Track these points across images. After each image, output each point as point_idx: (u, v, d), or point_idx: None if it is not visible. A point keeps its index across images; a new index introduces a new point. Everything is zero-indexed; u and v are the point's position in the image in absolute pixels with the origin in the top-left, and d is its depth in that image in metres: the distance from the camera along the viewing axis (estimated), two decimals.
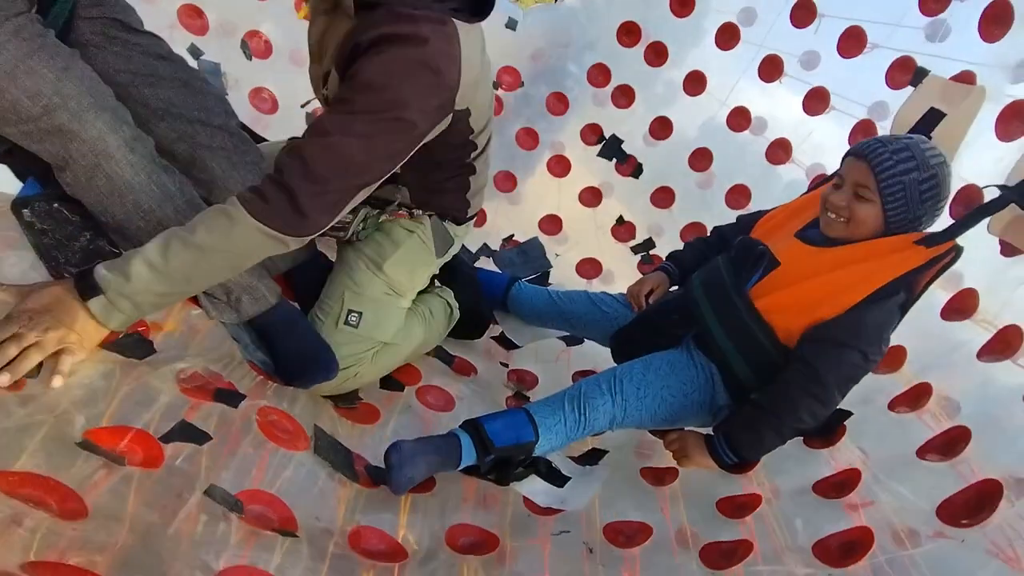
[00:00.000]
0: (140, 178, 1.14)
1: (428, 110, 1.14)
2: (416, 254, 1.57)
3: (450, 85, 1.15)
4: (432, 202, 1.56)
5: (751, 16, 2.52)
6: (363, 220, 1.52)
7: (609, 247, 2.71)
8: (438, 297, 1.83)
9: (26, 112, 1.04)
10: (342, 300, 1.50)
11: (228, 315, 1.31)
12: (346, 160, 1.08)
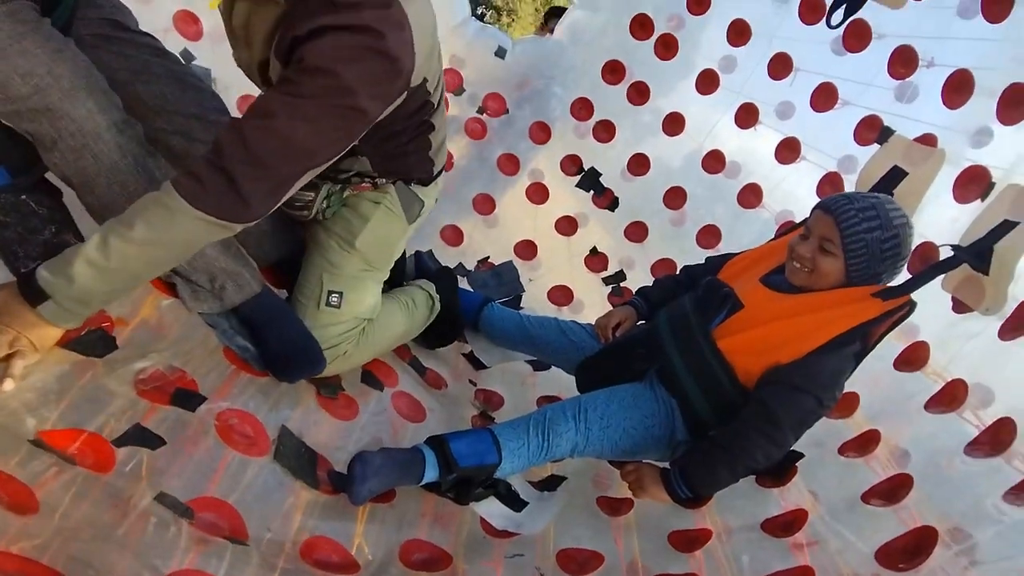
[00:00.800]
0: (127, 160, 1.13)
1: (380, 96, 1.07)
2: (387, 225, 1.53)
3: (405, 71, 1.07)
4: (395, 168, 1.46)
5: (731, 64, 2.62)
6: (326, 197, 1.44)
7: (581, 276, 2.75)
8: (420, 289, 1.84)
9: (16, 91, 1.03)
10: (321, 282, 1.50)
11: (210, 303, 1.29)
12: (292, 145, 1.01)
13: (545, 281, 2.70)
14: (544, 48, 2.80)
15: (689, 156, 2.72)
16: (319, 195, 1.43)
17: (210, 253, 1.26)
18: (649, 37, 2.62)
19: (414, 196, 1.54)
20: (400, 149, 1.41)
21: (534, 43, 2.84)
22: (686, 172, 2.72)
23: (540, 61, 2.77)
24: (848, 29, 2.11)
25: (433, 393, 1.87)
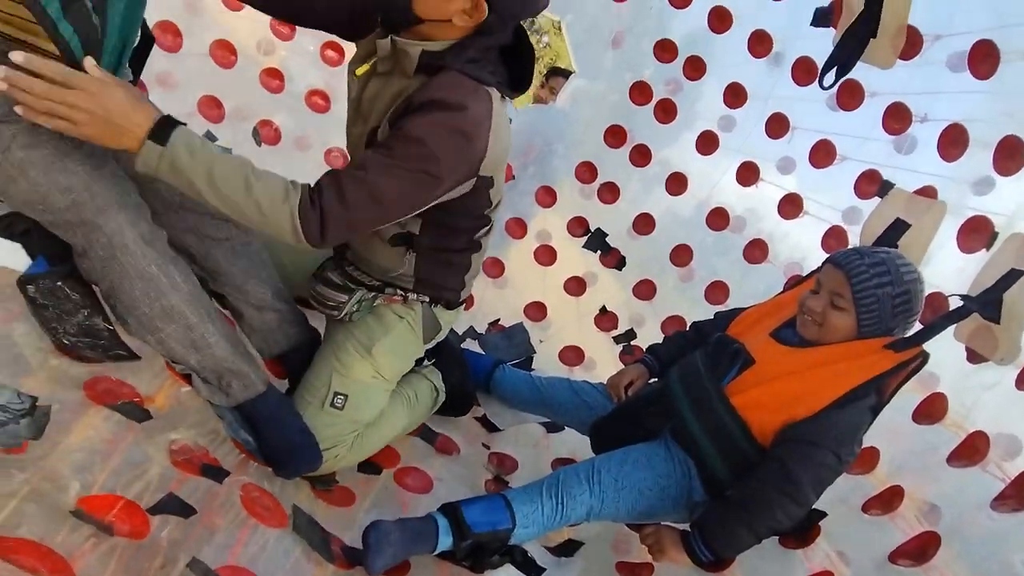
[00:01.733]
0: (151, 270, 1.21)
1: (455, 170, 1.25)
2: (405, 340, 1.59)
3: (478, 152, 1.26)
4: (433, 279, 1.55)
5: (730, 123, 2.70)
6: (358, 302, 1.53)
7: (592, 336, 2.76)
8: (424, 379, 1.83)
9: (55, 204, 1.14)
10: (328, 382, 1.51)
11: (218, 397, 1.36)
12: (375, 196, 1.19)
13: (556, 342, 2.71)
14: (547, 115, 2.91)
15: (693, 213, 2.77)
16: (352, 299, 1.52)
17: (219, 353, 1.31)
18: (648, 102, 2.72)
19: (435, 320, 1.62)
20: (448, 258, 1.53)
21: (537, 111, 2.95)
22: (691, 229, 2.76)
23: (544, 128, 2.87)
24: (841, 89, 2.18)
25: (444, 459, 1.85)
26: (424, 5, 1.20)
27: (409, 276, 1.53)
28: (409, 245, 1.47)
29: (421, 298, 1.58)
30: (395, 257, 1.49)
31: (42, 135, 1.12)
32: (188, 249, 1.41)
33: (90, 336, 1.26)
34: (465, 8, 1.20)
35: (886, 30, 1.83)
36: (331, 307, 1.53)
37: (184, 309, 1.26)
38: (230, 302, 1.51)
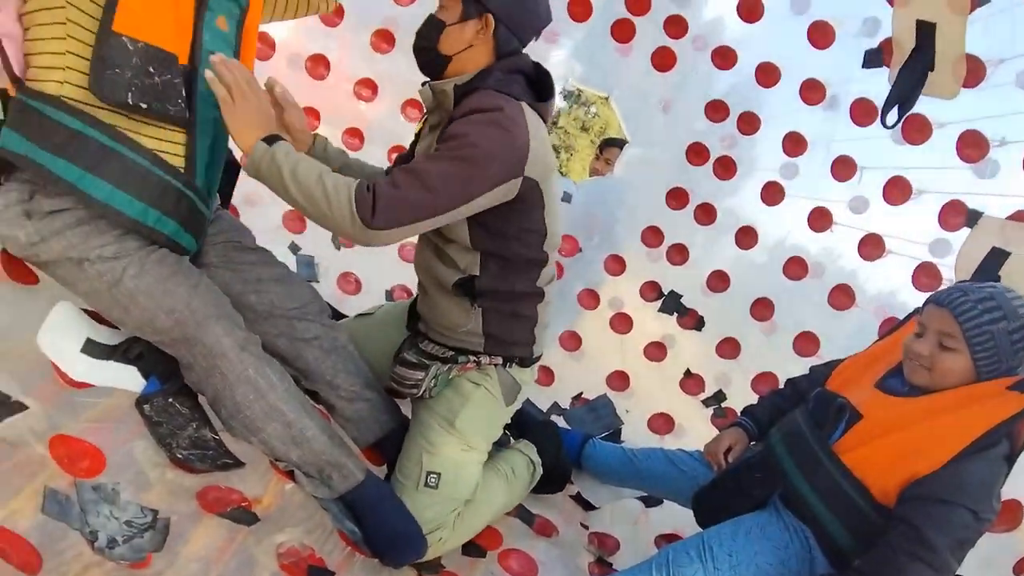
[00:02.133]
0: (249, 373, 1.32)
1: (496, 158, 1.32)
2: (486, 406, 1.60)
3: (519, 146, 1.35)
4: (501, 333, 1.57)
5: (793, 170, 2.67)
6: (435, 377, 1.57)
7: (679, 401, 2.68)
8: (519, 454, 1.82)
9: (161, 325, 1.27)
10: (420, 462, 1.54)
11: (320, 490, 1.41)
12: (423, 181, 1.28)
13: (642, 410, 2.64)
14: (606, 186, 2.97)
15: (768, 265, 2.71)
16: (428, 374, 1.57)
17: (318, 447, 1.38)
18: (706, 161, 2.74)
19: (513, 380, 1.63)
20: (512, 308, 1.56)
21: (596, 183, 3.02)
22: (769, 281, 2.69)
23: (604, 198, 2.93)
24: (906, 124, 2.13)
25: (544, 541, 1.81)
26: (447, 43, 1.42)
27: (478, 333, 1.55)
28: (472, 295, 1.51)
29: (494, 360, 1.60)
30: (461, 311, 1.53)
31: (146, 266, 1.26)
32: (280, 352, 1.51)
33: (200, 448, 1.35)
34: (478, 28, 1.40)
35: (944, 61, 1.80)
36: (410, 386, 1.58)
37: (282, 407, 1.34)
38: (323, 397, 1.58)
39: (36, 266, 1.30)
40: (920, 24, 1.80)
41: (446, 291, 1.53)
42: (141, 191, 1.24)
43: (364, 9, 2.63)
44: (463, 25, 1.41)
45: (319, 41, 2.65)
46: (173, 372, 1.36)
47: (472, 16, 1.40)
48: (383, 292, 2.68)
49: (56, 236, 1.21)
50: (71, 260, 1.23)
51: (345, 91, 2.72)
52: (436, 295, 1.57)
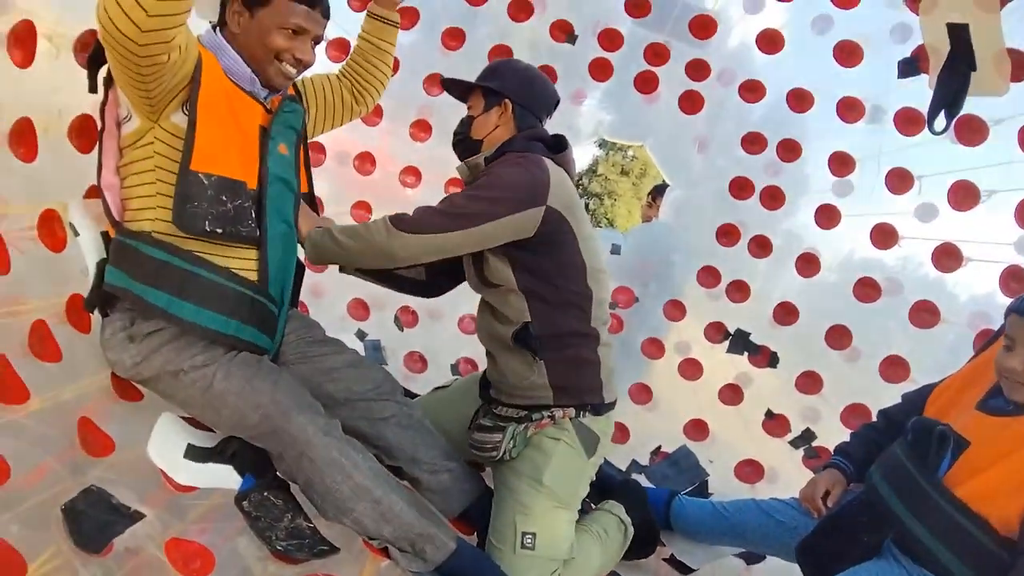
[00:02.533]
0: (334, 455, 1.38)
1: (516, 187, 1.53)
2: (569, 460, 1.61)
3: (540, 178, 1.55)
4: (567, 382, 1.62)
5: (846, 188, 2.58)
6: (512, 438, 1.60)
7: (765, 445, 2.55)
8: (608, 514, 1.80)
9: (251, 421, 1.38)
10: (514, 524, 1.55)
11: (415, 564, 1.44)
12: (450, 204, 1.56)
13: (727, 459, 2.52)
14: (655, 232, 2.95)
15: (837, 290, 2.60)
16: (506, 436, 1.60)
17: (407, 520, 1.42)
18: (751, 194, 2.69)
19: (589, 430, 1.64)
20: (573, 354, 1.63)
21: (644, 231, 3.01)
22: (840, 306, 2.57)
23: (654, 244, 2.91)
24: (958, 128, 2.05)
25: None
26: (477, 129, 1.73)
27: (545, 386, 1.61)
28: (532, 347, 1.58)
29: (567, 412, 1.62)
30: (525, 366, 1.61)
31: (232, 368, 1.39)
32: (361, 433, 1.57)
33: (297, 537, 1.43)
34: (500, 112, 1.70)
35: (985, 59, 1.74)
36: (489, 450, 1.61)
37: (369, 485, 1.40)
38: (406, 472, 1.63)
39: (140, 384, 1.47)
40: (952, 27, 1.76)
41: (508, 348, 1.62)
42: (221, 305, 1.38)
43: (400, 104, 2.81)
44: (488, 113, 1.71)
45: (363, 140, 2.83)
46: (266, 467, 1.46)
47: (494, 104, 1.70)
48: (448, 366, 2.72)
49: (154, 354, 1.37)
50: (169, 373, 1.37)
51: (392, 181, 2.86)
52: (500, 355, 1.66)
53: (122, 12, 1.06)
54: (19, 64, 1.48)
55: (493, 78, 1.73)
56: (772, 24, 2.53)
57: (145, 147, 1.34)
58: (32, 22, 1.48)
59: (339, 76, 1.81)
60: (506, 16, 2.66)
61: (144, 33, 1.10)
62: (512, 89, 1.70)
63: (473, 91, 1.76)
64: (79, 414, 1.51)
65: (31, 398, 1.40)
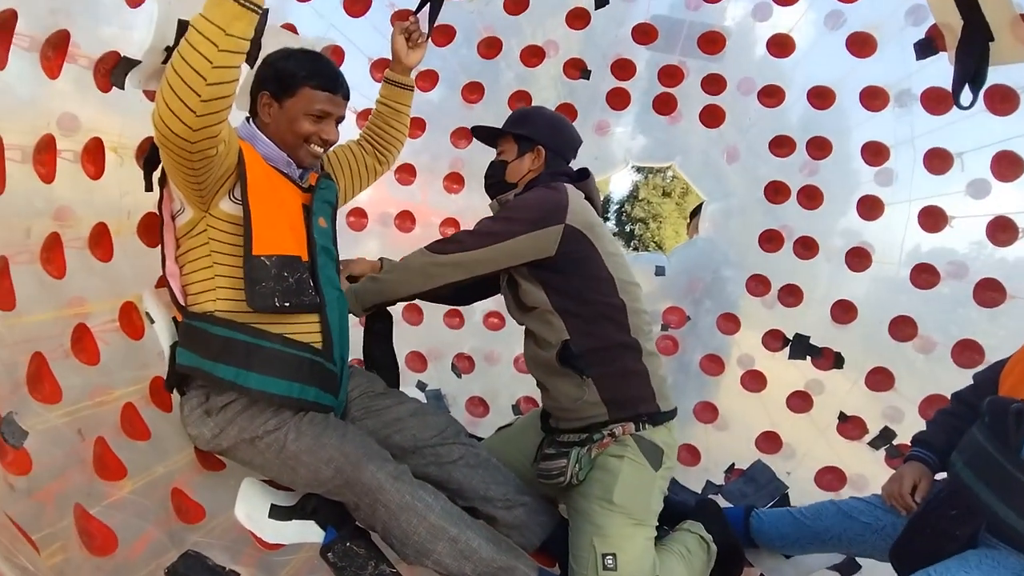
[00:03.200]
0: (407, 499, 1.44)
1: (536, 208, 1.65)
2: (637, 476, 1.61)
3: (558, 198, 1.67)
4: (619, 395, 1.63)
5: (888, 177, 2.54)
6: (576, 461, 1.61)
7: (844, 449, 2.45)
8: (687, 532, 1.77)
9: (324, 476, 1.45)
10: (593, 547, 1.54)
11: None
12: (477, 227, 1.71)
13: (806, 468, 2.44)
14: (697, 247, 2.95)
15: (893, 280, 2.52)
16: (570, 460, 1.61)
17: (486, 555, 1.46)
18: (788, 197, 2.68)
19: (651, 443, 1.64)
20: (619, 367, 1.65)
21: (686, 247, 3.01)
22: (900, 297, 2.50)
23: (699, 260, 2.90)
24: (988, 99, 2.01)
25: None
26: (512, 174, 1.84)
27: (597, 402, 1.63)
28: (577, 365, 1.62)
29: (626, 428, 1.63)
30: (574, 386, 1.64)
31: (301, 428, 1.46)
32: (432, 479, 1.60)
33: None
34: (533, 158, 1.81)
35: (1001, 28, 1.72)
36: (556, 475, 1.62)
37: (444, 524, 1.44)
38: (481, 512, 1.64)
39: (220, 454, 1.56)
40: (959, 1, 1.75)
41: (556, 372, 1.66)
42: (284, 372, 1.46)
43: (432, 160, 2.96)
44: (521, 159, 1.82)
45: (401, 198, 2.98)
46: (346, 518, 1.52)
47: (526, 150, 1.82)
48: (510, 407, 2.76)
49: (230, 425, 1.46)
50: (245, 441, 1.46)
51: (433, 233, 2.97)
52: (550, 381, 1.70)
53: (173, 114, 1.19)
54: (92, 176, 1.66)
55: (524, 125, 1.84)
56: (781, 28, 2.55)
57: (199, 235, 1.46)
58: (100, 138, 1.67)
59: (360, 142, 1.93)
60: (520, 63, 2.79)
61: (195, 131, 1.22)
62: (544, 135, 1.81)
63: (504, 137, 1.86)
64: (171, 486, 1.62)
65: (127, 475, 1.52)
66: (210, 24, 1.13)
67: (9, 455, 1.22)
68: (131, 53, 1.67)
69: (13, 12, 1.32)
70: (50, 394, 1.42)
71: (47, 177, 1.51)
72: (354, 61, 2.60)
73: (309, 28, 2.40)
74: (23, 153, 1.46)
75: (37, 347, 1.44)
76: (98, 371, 1.61)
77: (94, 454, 1.49)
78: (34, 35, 1.42)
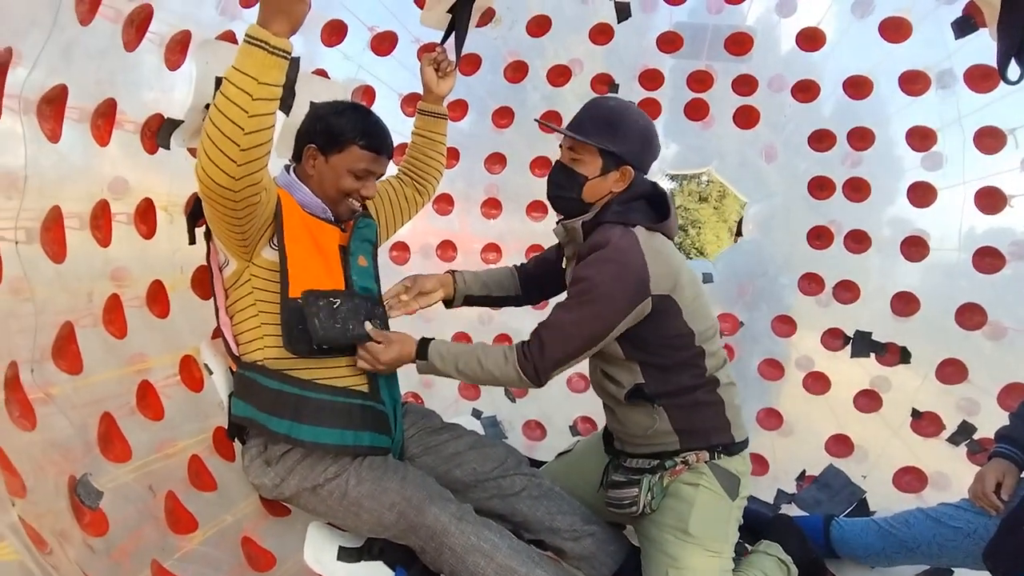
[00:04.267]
0: (472, 540, 1.42)
1: (617, 292, 1.44)
2: (712, 505, 1.53)
3: (637, 272, 1.45)
4: (692, 425, 1.55)
5: (937, 160, 2.44)
6: (649, 490, 1.54)
7: (920, 448, 2.33)
8: (764, 555, 1.69)
9: (388, 521, 1.44)
10: None
11: None
12: (562, 332, 1.47)
13: (882, 470, 2.32)
14: (744, 251, 2.88)
15: (953, 267, 2.41)
16: (642, 489, 1.54)
17: None
18: (832, 192, 2.61)
19: (727, 472, 1.57)
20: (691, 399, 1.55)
21: (732, 252, 2.95)
22: (964, 283, 2.38)
23: (747, 264, 2.83)
24: None
25: None
26: (591, 192, 1.56)
27: (669, 431, 1.55)
28: (645, 398, 1.54)
29: (700, 456, 1.55)
30: (645, 415, 1.56)
31: (361, 473, 1.46)
32: (496, 512, 1.59)
33: None
34: (617, 178, 1.55)
35: None
36: (628, 505, 1.55)
37: (512, 563, 1.42)
38: (548, 544, 1.61)
39: (284, 502, 1.56)
40: None
41: (623, 403, 1.57)
42: (335, 421, 1.47)
43: (468, 187, 2.98)
44: (604, 178, 1.55)
45: (441, 229, 3.00)
46: (414, 556, 1.51)
47: (611, 169, 1.54)
48: (567, 428, 2.72)
49: (290, 474, 1.47)
50: (307, 490, 1.46)
51: (475, 260, 2.99)
52: (617, 409, 1.62)
53: (215, 166, 1.21)
54: (145, 236, 1.73)
55: (615, 138, 1.52)
56: (807, 22, 2.50)
57: (244, 284, 1.48)
58: (150, 199, 1.73)
59: (399, 175, 1.94)
60: (547, 84, 2.80)
61: (238, 180, 1.24)
62: (634, 153, 1.54)
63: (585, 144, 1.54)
64: (241, 535, 1.64)
65: (199, 527, 1.55)
66: (243, 75, 1.15)
67: (86, 516, 1.25)
68: (173, 114, 1.74)
69: (64, 87, 1.38)
70: (121, 453, 1.46)
71: (103, 241, 1.57)
72: (385, 99, 2.65)
73: (339, 71, 2.46)
74: (80, 220, 1.53)
75: (105, 407, 1.48)
76: (163, 426, 1.66)
77: (165, 508, 1.52)
78: (83, 106, 1.49)
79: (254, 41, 1.14)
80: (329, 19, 2.40)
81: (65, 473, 1.26)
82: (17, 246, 1.27)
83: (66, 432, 1.37)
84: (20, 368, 1.22)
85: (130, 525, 1.45)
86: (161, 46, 1.71)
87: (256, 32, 1.14)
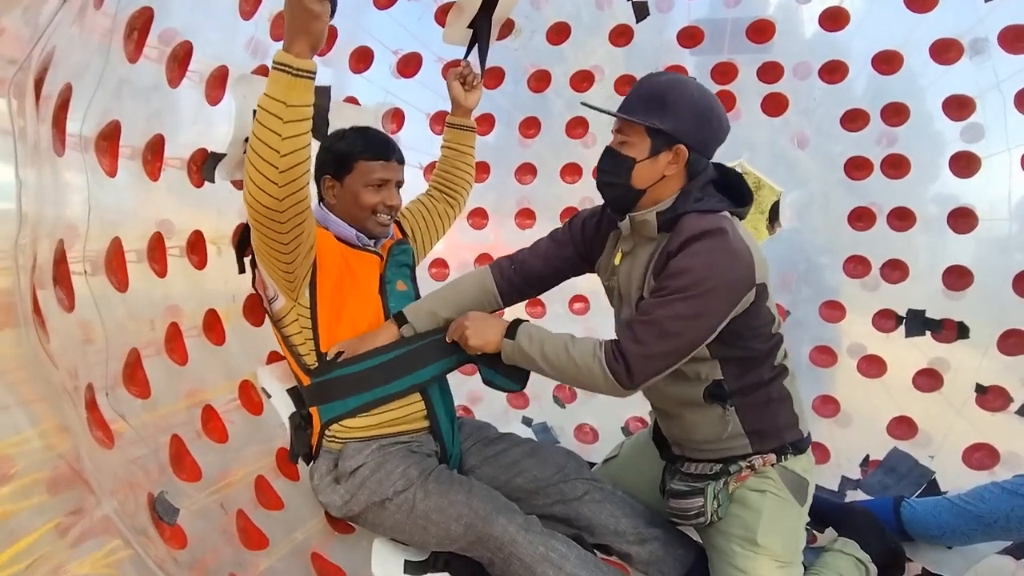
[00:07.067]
0: (540, 551, 1.41)
1: (729, 285, 1.31)
2: (781, 512, 1.46)
3: (747, 262, 1.33)
4: (764, 425, 1.47)
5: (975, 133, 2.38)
6: (714, 498, 1.48)
7: (988, 424, 2.25)
8: (840, 554, 1.63)
9: (456, 533, 1.44)
10: None
11: None
12: (663, 331, 1.31)
13: (950, 449, 2.24)
14: (785, 239, 2.84)
15: (1005, 237, 2.34)
16: (707, 498, 1.48)
17: None
18: (870, 172, 2.56)
19: (795, 475, 1.50)
20: (764, 394, 1.47)
21: (771, 242, 2.91)
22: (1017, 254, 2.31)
23: (789, 251, 2.80)
24: None
25: None
26: (640, 177, 1.41)
27: (740, 435, 1.47)
28: (722, 398, 1.44)
29: (767, 459, 1.47)
30: (715, 419, 1.46)
31: (429, 486, 1.47)
32: (560, 517, 1.58)
33: None
34: (669, 160, 1.39)
35: None
36: (693, 516, 1.49)
37: (579, 572, 1.40)
38: (614, 548, 1.59)
39: (351, 520, 1.58)
40: None
41: (694, 405, 1.48)
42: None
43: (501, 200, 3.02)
44: (654, 159, 1.39)
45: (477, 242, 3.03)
46: (478, 569, 1.50)
47: (662, 149, 1.39)
48: (619, 430, 2.70)
49: (360, 490, 1.49)
50: (375, 504, 1.48)
51: None
52: (682, 413, 1.52)
53: (259, 189, 1.26)
54: (197, 267, 1.79)
55: (664, 115, 1.37)
56: (831, 3, 2.48)
57: (292, 323, 1.53)
58: (200, 231, 1.80)
59: (429, 191, 1.98)
60: (570, 90, 2.83)
61: (281, 200, 1.28)
62: (688, 132, 1.38)
63: (631, 123, 1.41)
64: (310, 551, 1.67)
65: (270, 544, 1.58)
66: (272, 100, 1.20)
67: (167, 531, 1.30)
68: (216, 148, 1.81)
69: (117, 124, 1.45)
70: (191, 473, 1.51)
71: (160, 272, 1.64)
72: (413, 120, 2.71)
73: (368, 97, 2.53)
74: (138, 254, 1.60)
75: (174, 431, 1.54)
76: (228, 448, 1.70)
77: (237, 526, 1.56)
78: (133, 144, 1.56)
79: (278, 66, 1.19)
80: (356, 47, 2.48)
81: (144, 490, 1.31)
82: (86, 276, 1.33)
83: (142, 451, 1.42)
84: (96, 392, 1.28)
85: (208, 543, 1.50)
86: (201, 83, 1.78)
87: (280, 57, 1.19)
